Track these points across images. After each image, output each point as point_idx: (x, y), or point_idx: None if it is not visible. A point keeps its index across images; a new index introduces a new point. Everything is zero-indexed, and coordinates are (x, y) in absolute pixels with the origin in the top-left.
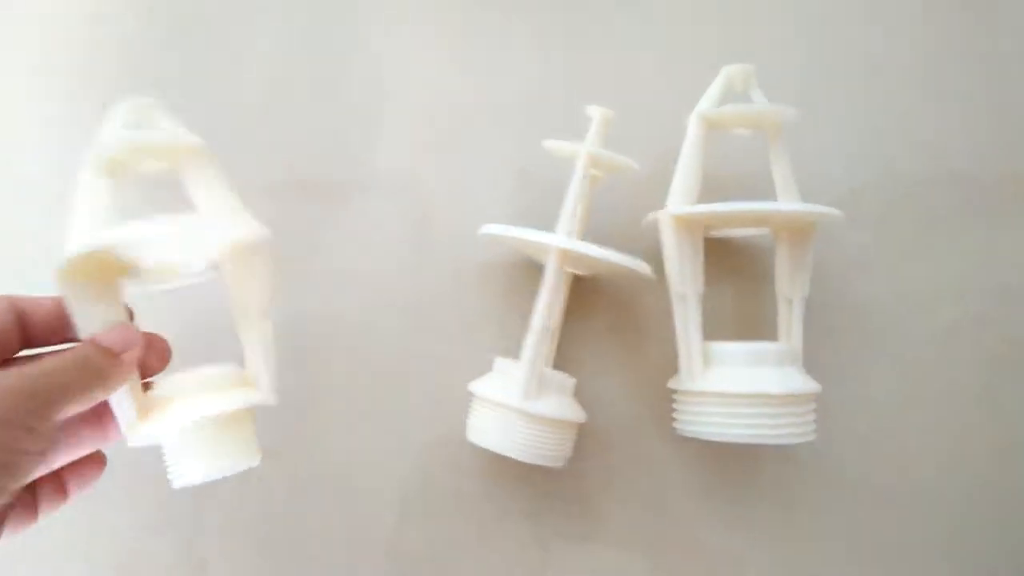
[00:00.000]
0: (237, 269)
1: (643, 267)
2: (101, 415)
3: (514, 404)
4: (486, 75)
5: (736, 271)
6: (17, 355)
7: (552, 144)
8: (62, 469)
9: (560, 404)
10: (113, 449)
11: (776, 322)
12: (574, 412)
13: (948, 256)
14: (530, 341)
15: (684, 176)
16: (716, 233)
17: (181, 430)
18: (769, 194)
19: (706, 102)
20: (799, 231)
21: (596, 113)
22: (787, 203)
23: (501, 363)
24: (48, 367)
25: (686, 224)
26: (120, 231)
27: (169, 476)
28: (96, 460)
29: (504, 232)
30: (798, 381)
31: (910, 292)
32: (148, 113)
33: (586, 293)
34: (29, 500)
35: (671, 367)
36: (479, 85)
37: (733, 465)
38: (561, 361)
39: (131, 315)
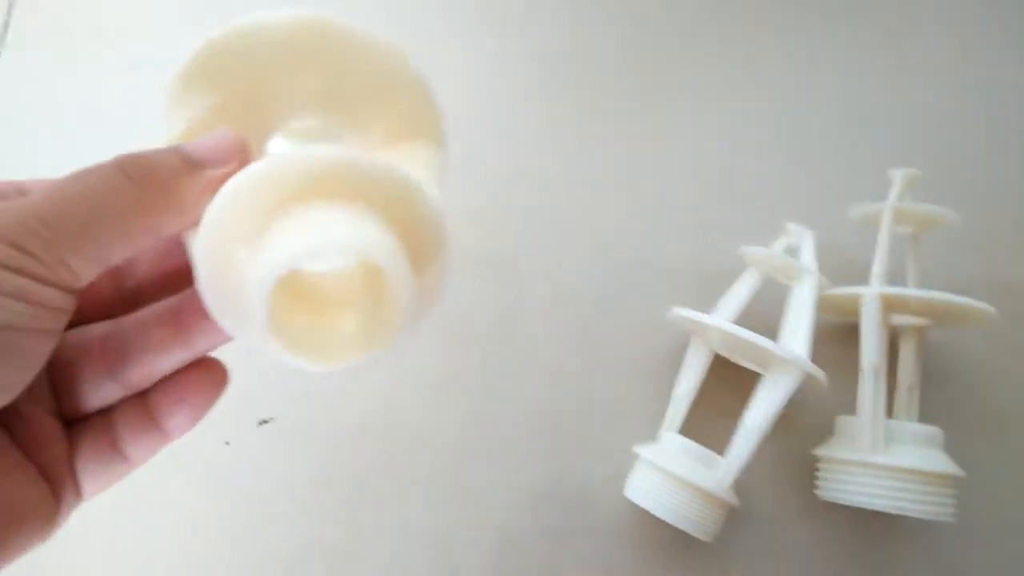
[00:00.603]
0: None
1: (821, 375)
2: (179, 310)
3: (707, 487)
4: (649, 170)
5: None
6: None
7: (759, 254)
8: (149, 393)
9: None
10: None
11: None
12: (734, 496)
13: None
14: (747, 443)
15: (882, 260)
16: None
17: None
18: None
19: (893, 200)
20: (928, 325)
21: (808, 235)
22: (970, 299)
23: (674, 439)
24: (80, 175)
25: (888, 304)
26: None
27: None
28: (202, 376)
29: (723, 326)
30: (952, 463)
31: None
32: None
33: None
34: (106, 437)
35: (795, 442)
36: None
37: (871, 541)
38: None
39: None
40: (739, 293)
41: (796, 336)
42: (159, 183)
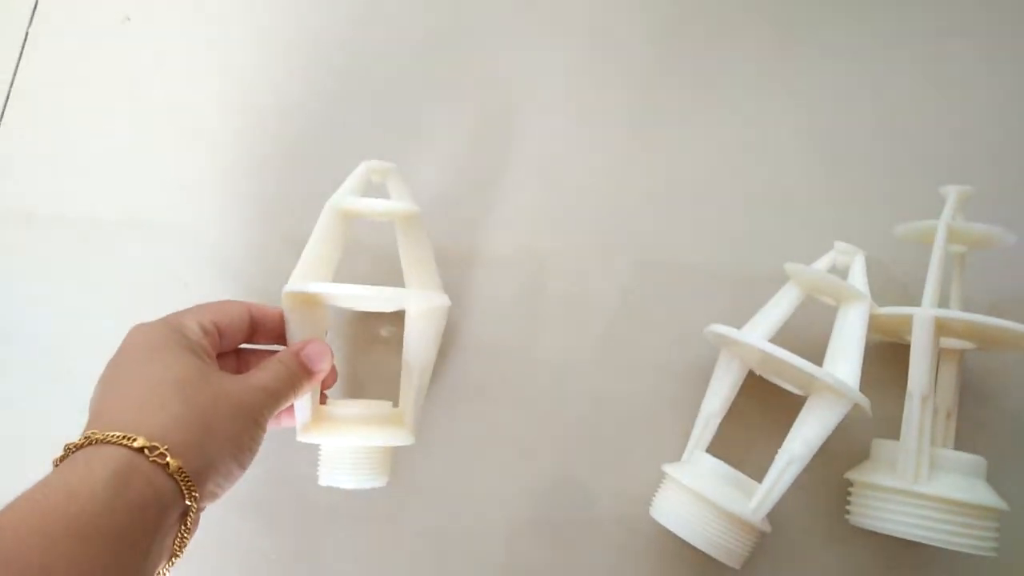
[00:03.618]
0: (416, 326)
1: (865, 401)
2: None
3: (743, 515)
4: None
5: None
6: (240, 347)
7: (805, 272)
8: None
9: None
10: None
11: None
12: (767, 523)
13: None
14: (788, 472)
15: (935, 281)
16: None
17: (338, 448)
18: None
19: (947, 218)
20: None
21: (859, 255)
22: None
23: (704, 459)
24: (272, 376)
25: (941, 327)
26: (330, 287)
27: (318, 472)
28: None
29: (765, 348)
30: (997, 496)
31: None
32: (386, 175)
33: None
34: None
35: (826, 463)
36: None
37: (902, 571)
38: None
39: (326, 332)
40: (777, 309)
41: (845, 363)
42: (297, 381)
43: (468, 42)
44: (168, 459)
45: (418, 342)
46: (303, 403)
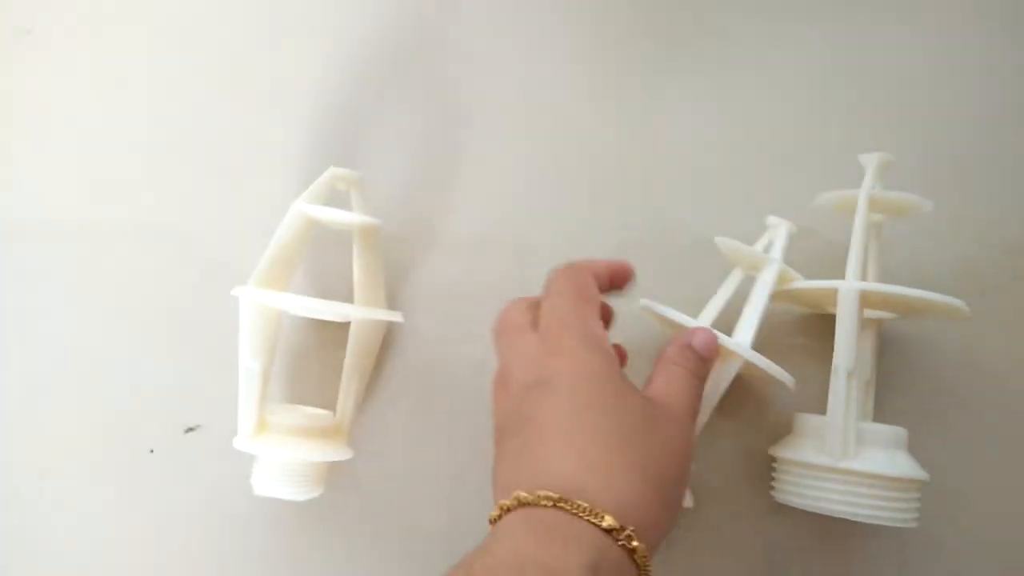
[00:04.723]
0: (359, 338)
1: (788, 379)
2: None
3: None
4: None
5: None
6: None
7: (732, 246)
8: None
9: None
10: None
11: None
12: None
13: None
14: None
15: (858, 255)
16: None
17: (277, 461)
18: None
19: (867, 187)
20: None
21: (783, 226)
22: (946, 296)
23: None
24: (687, 391)
25: (864, 300)
26: (280, 297)
27: (252, 481)
28: None
29: (653, 307)
30: (918, 467)
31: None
32: (350, 183)
33: None
34: None
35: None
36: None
37: (830, 544)
38: None
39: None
40: (723, 291)
41: (743, 323)
42: None
43: (427, 24)
44: (635, 543)
45: (359, 356)
46: (249, 409)
